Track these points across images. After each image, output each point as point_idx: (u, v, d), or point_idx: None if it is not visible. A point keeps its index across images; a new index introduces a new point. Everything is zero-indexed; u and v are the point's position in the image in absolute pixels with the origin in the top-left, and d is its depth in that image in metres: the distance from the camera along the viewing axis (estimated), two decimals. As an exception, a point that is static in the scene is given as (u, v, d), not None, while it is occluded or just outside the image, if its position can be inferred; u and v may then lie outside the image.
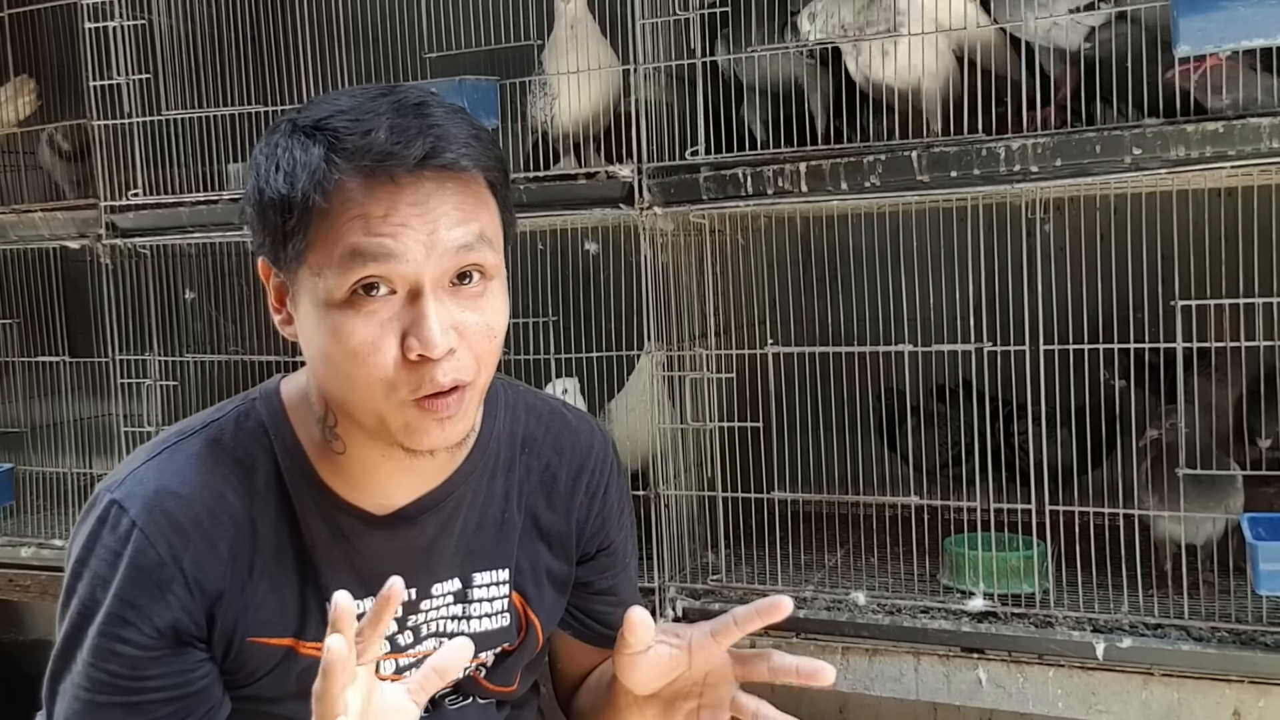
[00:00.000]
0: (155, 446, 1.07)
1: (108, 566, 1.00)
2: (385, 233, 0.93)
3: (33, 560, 2.30)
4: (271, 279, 1.02)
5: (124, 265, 2.13)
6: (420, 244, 0.94)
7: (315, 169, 0.94)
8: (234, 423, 1.08)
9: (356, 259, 0.94)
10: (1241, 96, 1.46)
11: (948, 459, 1.91)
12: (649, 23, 1.73)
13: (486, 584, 1.16)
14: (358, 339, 0.95)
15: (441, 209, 0.95)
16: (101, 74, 2.10)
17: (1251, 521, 1.47)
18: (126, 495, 1.02)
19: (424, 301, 0.95)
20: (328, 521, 1.06)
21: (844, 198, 1.63)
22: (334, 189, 0.94)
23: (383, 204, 0.94)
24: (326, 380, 1.01)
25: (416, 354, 0.94)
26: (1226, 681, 1.46)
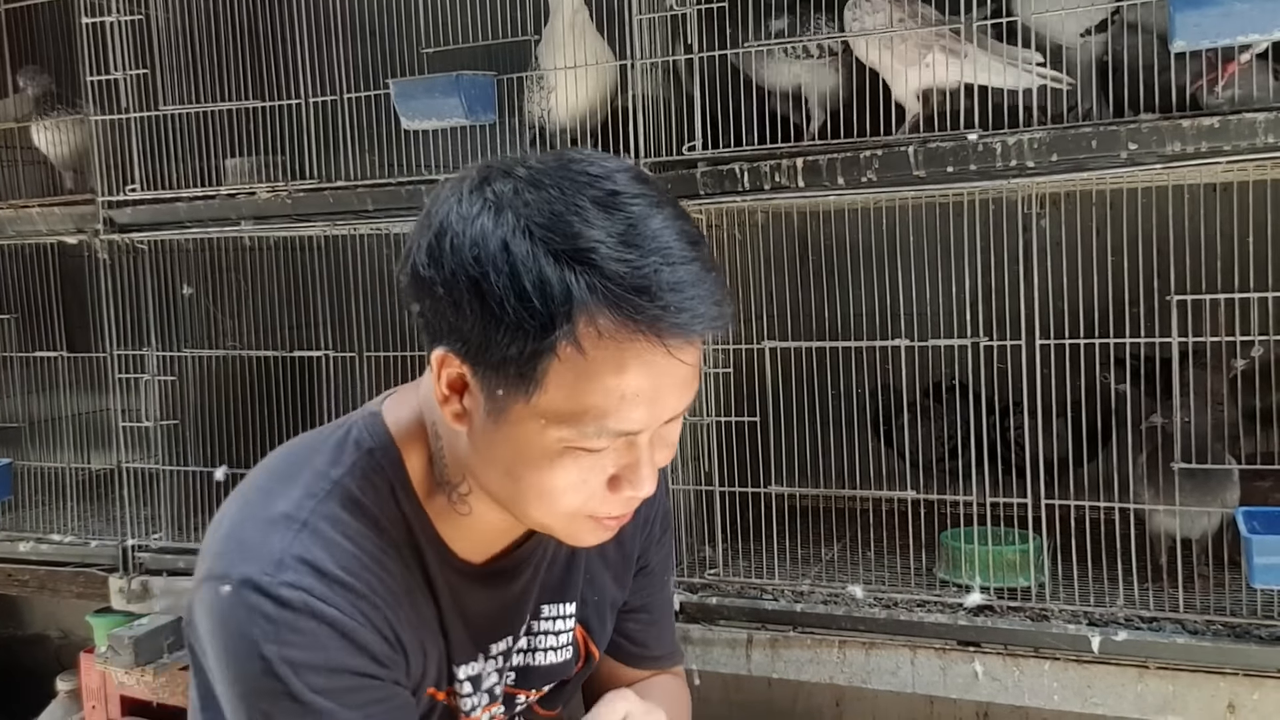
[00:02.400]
0: (290, 520, 0.95)
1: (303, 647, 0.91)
2: (638, 409, 0.88)
3: (31, 555, 2.31)
4: (447, 369, 0.92)
5: (121, 260, 2.13)
6: (658, 414, 0.90)
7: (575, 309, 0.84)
8: (363, 478, 0.99)
9: (604, 433, 0.88)
10: (1271, 99, 1.46)
11: (944, 453, 1.91)
12: (646, 18, 1.73)
13: (552, 617, 1.14)
14: (569, 481, 0.91)
15: (683, 375, 0.90)
16: (99, 69, 2.09)
17: (1247, 515, 1.48)
18: (294, 575, 0.92)
19: (640, 451, 0.91)
20: (447, 580, 1.03)
21: (841, 193, 1.63)
22: (593, 343, 0.85)
23: (641, 373, 0.86)
24: (495, 485, 0.95)
25: (627, 496, 0.92)
26: (1221, 674, 1.46)
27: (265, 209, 2.03)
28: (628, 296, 0.84)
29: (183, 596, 2.13)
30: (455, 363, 0.90)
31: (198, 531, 2.21)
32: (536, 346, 0.85)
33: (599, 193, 0.87)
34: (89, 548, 2.26)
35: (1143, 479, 1.59)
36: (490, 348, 0.87)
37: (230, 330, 2.32)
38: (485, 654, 1.08)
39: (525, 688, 1.14)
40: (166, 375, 2.14)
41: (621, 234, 0.85)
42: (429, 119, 1.88)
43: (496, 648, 1.09)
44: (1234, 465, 1.57)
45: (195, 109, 2.10)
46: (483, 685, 1.08)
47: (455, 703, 1.07)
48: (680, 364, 0.88)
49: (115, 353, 2.14)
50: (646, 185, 0.90)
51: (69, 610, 3.04)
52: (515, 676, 1.13)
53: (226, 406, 2.25)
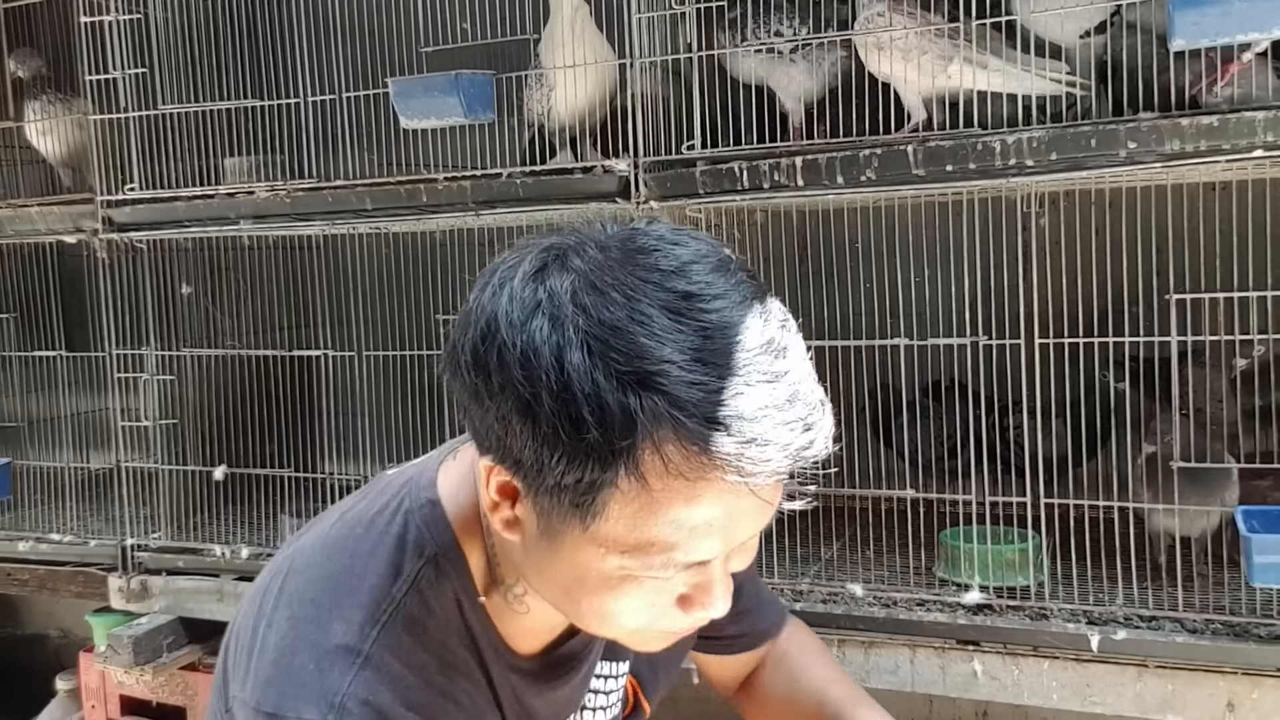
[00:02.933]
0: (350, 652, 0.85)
1: None
2: (709, 540, 0.78)
3: (30, 554, 2.31)
4: (497, 479, 0.82)
5: (120, 260, 2.13)
6: (734, 539, 0.81)
7: (641, 443, 0.73)
8: (429, 592, 0.89)
9: (669, 560, 0.79)
10: (1270, 97, 1.46)
11: (943, 452, 1.91)
12: (645, 17, 1.73)
13: (605, 675, 1.08)
14: (632, 605, 0.82)
15: (759, 503, 0.78)
16: (97, 68, 2.09)
17: (1246, 514, 1.48)
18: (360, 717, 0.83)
19: (714, 572, 0.82)
20: (510, 684, 0.94)
21: (840, 191, 1.63)
22: (661, 478, 0.74)
23: (720, 508, 0.76)
24: (552, 596, 0.87)
25: (698, 616, 0.84)
26: (1220, 673, 1.46)
27: (264, 208, 2.03)
28: (701, 430, 0.73)
29: (182, 596, 2.14)
30: (504, 475, 0.81)
31: (197, 531, 2.21)
32: (595, 478, 0.75)
33: (669, 295, 0.75)
34: (88, 547, 2.26)
35: (1142, 478, 1.59)
36: (543, 473, 0.77)
37: (229, 329, 2.32)
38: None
39: None
40: (165, 374, 2.14)
41: (695, 349, 0.74)
42: (428, 118, 1.87)
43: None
44: (1233, 464, 1.57)
45: (194, 108, 2.10)
46: None
47: None
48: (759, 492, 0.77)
49: (114, 352, 2.14)
50: (728, 277, 0.78)
51: (68, 609, 3.04)
52: None
53: (225, 406, 2.25)
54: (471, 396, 0.80)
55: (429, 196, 1.89)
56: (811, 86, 1.77)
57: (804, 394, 0.77)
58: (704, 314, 0.75)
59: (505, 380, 0.76)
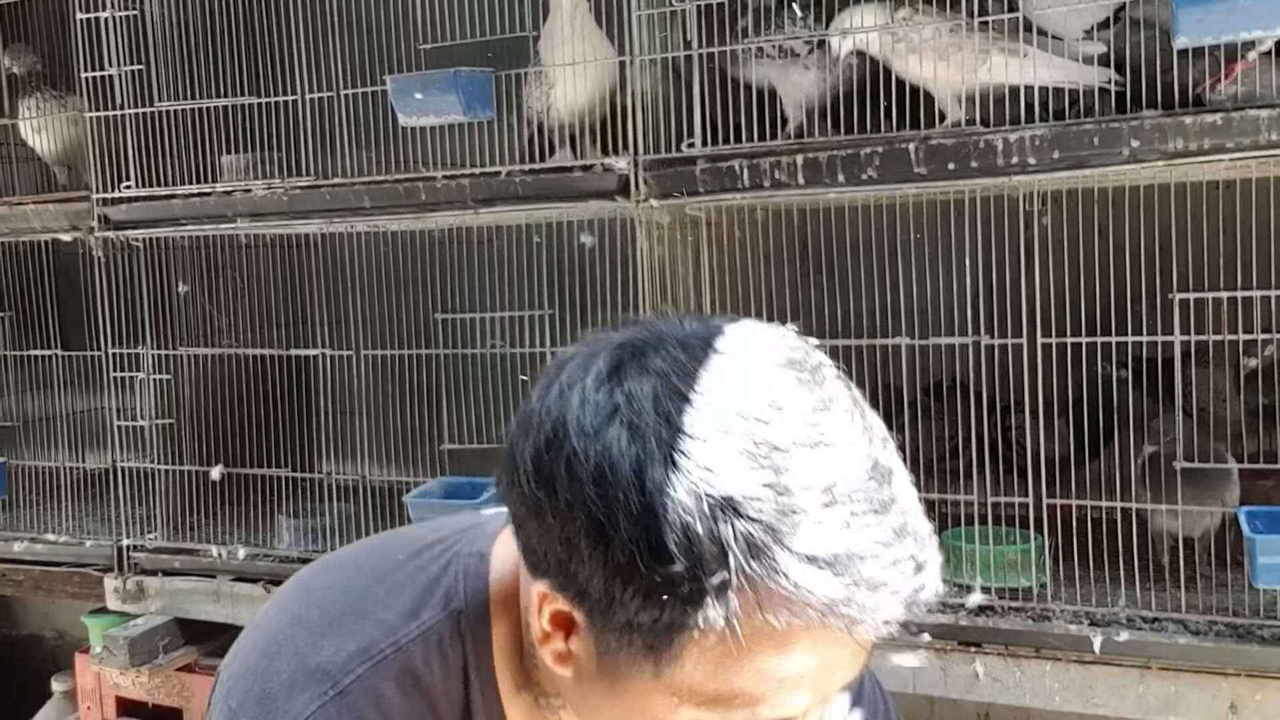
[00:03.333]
0: (327, 678, 0.78)
1: None
2: (799, 693, 0.68)
3: (25, 555, 2.30)
4: (553, 607, 0.72)
5: (117, 258, 2.12)
6: (825, 694, 0.71)
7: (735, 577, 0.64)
8: (434, 647, 0.80)
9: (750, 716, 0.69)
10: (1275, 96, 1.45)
11: (945, 452, 1.90)
12: (645, 14, 1.72)
13: None
14: None
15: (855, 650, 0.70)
16: (93, 65, 2.08)
17: (1249, 515, 1.47)
18: None
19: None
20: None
21: (841, 190, 1.62)
22: (751, 623, 0.65)
23: (815, 657, 0.67)
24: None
25: None
26: (1223, 674, 1.46)
27: (261, 206, 2.02)
28: (803, 567, 0.64)
29: (178, 597, 2.13)
30: (561, 602, 0.71)
31: (194, 531, 2.20)
32: (675, 618, 0.65)
33: (758, 405, 0.67)
34: (84, 548, 2.25)
35: (1144, 479, 1.59)
36: (612, 609, 0.67)
37: (226, 328, 2.31)
38: None
39: None
40: (162, 374, 2.13)
41: (785, 474, 0.65)
42: (426, 116, 1.87)
43: None
44: (1234, 464, 1.56)
45: (191, 105, 2.09)
46: None
47: None
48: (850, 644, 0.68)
49: (110, 351, 2.13)
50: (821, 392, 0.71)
51: (64, 610, 3.02)
52: None
53: (222, 405, 2.24)
54: (531, 512, 0.70)
55: (427, 194, 1.88)
56: (814, 94, 1.77)
57: (913, 527, 0.69)
58: (799, 424, 0.67)
59: (574, 498, 0.66)
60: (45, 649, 3.14)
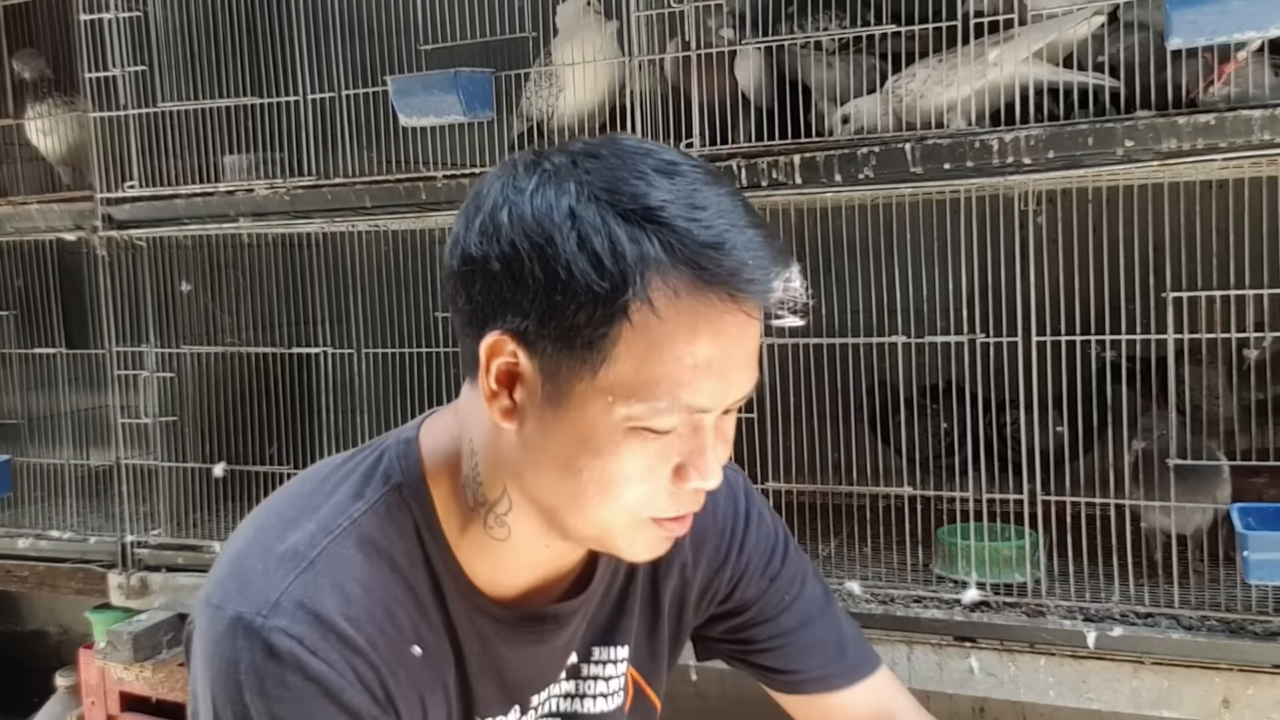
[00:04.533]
0: (298, 557, 0.87)
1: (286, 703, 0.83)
2: (709, 380, 0.83)
3: (30, 551, 2.31)
4: (499, 359, 0.86)
5: (120, 257, 2.13)
6: (727, 393, 0.86)
7: (648, 269, 0.80)
8: (385, 516, 0.91)
9: (676, 408, 0.83)
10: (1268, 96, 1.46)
11: (940, 449, 1.92)
12: (644, 14, 1.73)
13: (603, 660, 1.07)
14: (635, 468, 0.85)
15: (747, 350, 0.86)
16: (97, 66, 2.09)
17: (1241, 511, 1.48)
18: (289, 621, 0.84)
19: (706, 436, 0.86)
20: (476, 628, 0.95)
21: (838, 190, 1.63)
22: (667, 302, 0.80)
23: (712, 340, 0.82)
24: (548, 485, 0.88)
25: (694, 486, 0.87)
26: (1216, 670, 1.47)
27: (263, 206, 2.03)
28: (703, 252, 0.80)
29: (182, 593, 2.14)
30: (507, 349, 0.85)
31: (197, 528, 2.22)
32: (608, 310, 0.80)
33: (657, 161, 0.84)
34: (88, 544, 2.26)
35: (1136, 476, 1.60)
36: (555, 317, 0.81)
37: (229, 327, 2.32)
38: (524, 706, 1.01)
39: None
40: (165, 372, 2.15)
41: (687, 196, 0.82)
42: (427, 116, 1.88)
43: (538, 698, 1.02)
44: (1225, 461, 1.57)
45: (193, 106, 2.11)
46: None
47: None
48: (749, 332, 0.85)
49: (114, 349, 2.14)
50: (698, 161, 0.87)
51: (68, 606, 3.04)
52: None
53: (225, 403, 2.26)
54: (480, 271, 0.84)
55: (428, 194, 1.89)
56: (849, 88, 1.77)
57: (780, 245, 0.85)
58: (689, 175, 0.84)
59: (518, 233, 0.82)
60: (50, 644, 3.16)
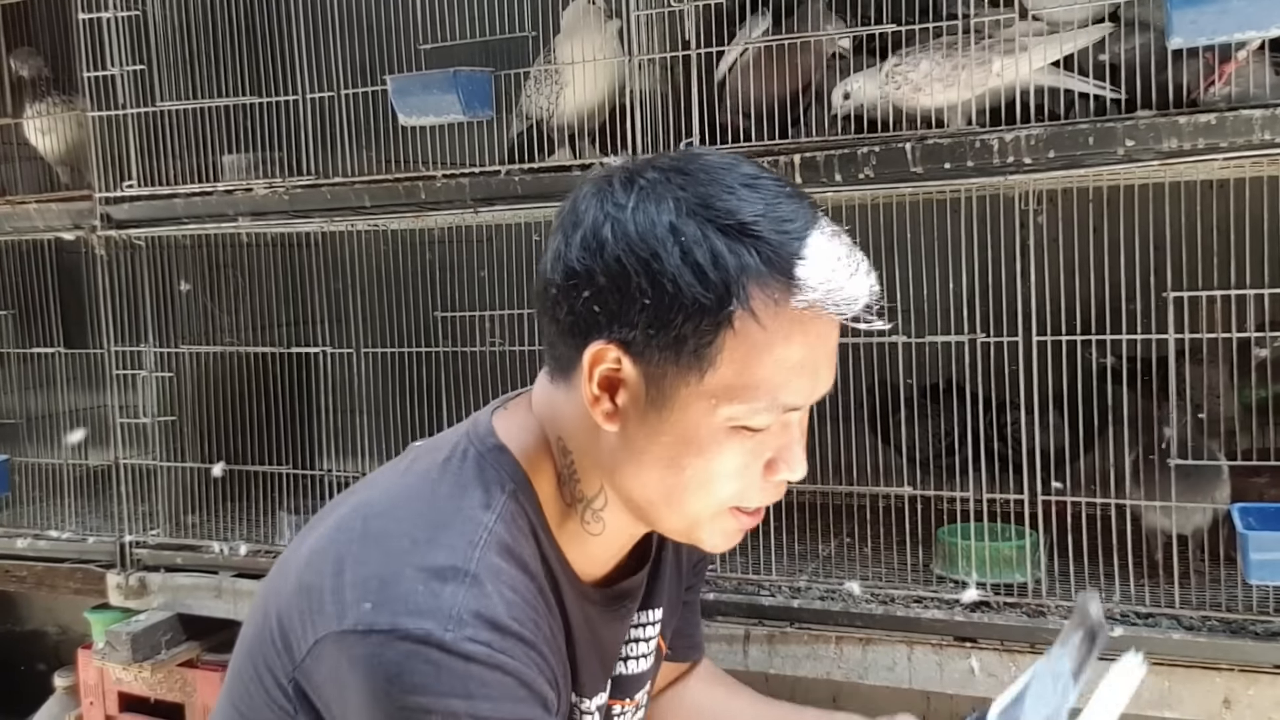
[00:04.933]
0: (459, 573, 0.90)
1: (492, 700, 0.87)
2: (803, 380, 0.91)
3: (28, 551, 2.31)
4: (602, 366, 0.92)
5: (119, 257, 2.13)
6: (815, 391, 0.93)
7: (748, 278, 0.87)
8: (511, 523, 0.96)
9: (774, 408, 0.90)
10: (1268, 95, 1.46)
11: (940, 449, 1.91)
12: (644, 14, 1.73)
13: (643, 624, 1.14)
14: (734, 464, 0.92)
15: (832, 350, 0.94)
16: (96, 65, 2.09)
17: (1242, 511, 1.48)
18: (475, 630, 0.87)
19: (795, 431, 0.94)
20: (584, 614, 1.02)
21: (838, 189, 1.63)
22: (766, 310, 0.87)
23: (809, 348, 0.90)
24: (648, 483, 0.94)
25: (782, 478, 0.94)
26: (1217, 670, 1.47)
27: (262, 205, 2.03)
28: (796, 262, 0.87)
29: (180, 593, 2.14)
30: (611, 357, 0.91)
31: (195, 528, 2.21)
32: (714, 320, 0.87)
33: (742, 176, 0.91)
34: (87, 544, 2.26)
35: (1137, 476, 1.59)
36: (663, 328, 0.88)
37: (228, 326, 2.32)
38: (612, 681, 1.08)
39: (619, 698, 1.12)
40: (164, 371, 2.14)
41: (774, 210, 0.89)
42: (426, 115, 1.88)
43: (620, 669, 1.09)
44: (1224, 461, 1.57)
45: (192, 105, 2.10)
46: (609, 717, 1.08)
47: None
48: (834, 333, 0.92)
49: (113, 349, 2.14)
50: (774, 174, 0.94)
51: (67, 606, 3.04)
52: (610, 687, 1.11)
53: (224, 403, 2.25)
54: (586, 283, 0.90)
55: (427, 194, 1.89)
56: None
57: (855, 245, 0.93)
58: (771, 185, 0.90)
59: (624, 249, 0.88)
60: (48, 645, 3.15)
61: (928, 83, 1.60)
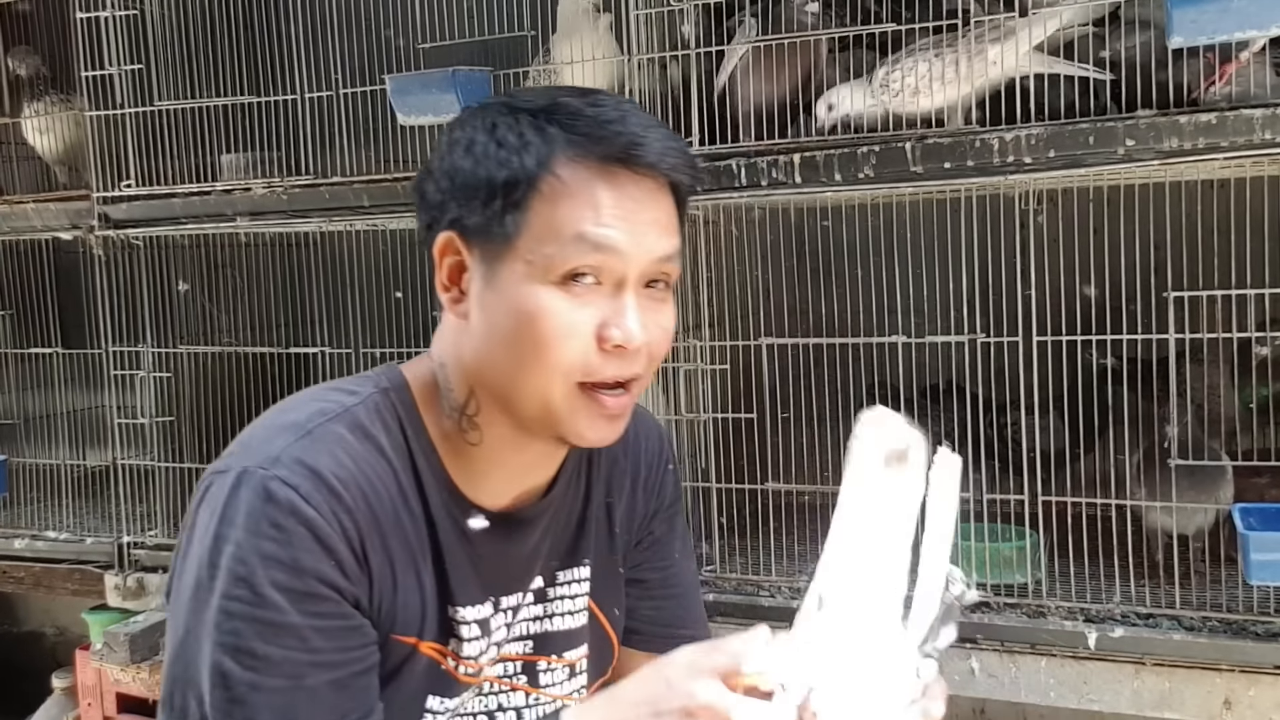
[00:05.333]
0: (297, 426, 0.99)
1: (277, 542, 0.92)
2: (612, 224, 0.96)
3: (26, 552, 2.30)
4: (448, 256, 1.01)
5: (117, 256, 2.13)
6: (635, 244, 0.97)
7: (553, 149, 0.96)
8: (374, 411, 1.03)
9: (583, 245, 0.96)
10: (1269, 95, 1.45)
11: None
12: (643, 13, 1.73)
13: (567, 581, 1.15)
14: (560, 321, 0.96)
15: (654, 214, 0.98)
16: (94, 64, 2.09)
17: (1243, 512, 1.48)
18: (287, 472, 0.95)
19: (627, 295, 0.98)
20: (454, 520, 1.05)
21: (838, 189, 1.63)
22: (569, 171, 0.96)
23: (613, 195, 0.96)
24: (496, 364, 1.00)
25: (615, 344, 0.97)
26: (1217, 670, 1.47)
27: (261, 205, 2.03)
28: (600, 126, 0.96)
29: (179, 593, 2.13)
30: (453, 247, 1.00)
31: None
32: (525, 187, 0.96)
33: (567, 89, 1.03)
34: (84, 544, 2.25)
35: (1138, 476, 1.59)
36: (481, 203, 0.97)
37: (226, 326, 2.31)
38: (496, 604, 1.08)
39: (545, 654, 1.13)
40: (162, 371, 2.14)
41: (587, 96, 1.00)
42: (425, 114, 1.87)
43: (507, 601, 1.09)
44: (1228, 462, 1.57)
45: (190, 104, 2.10)
46: (492, 634, 1.08)
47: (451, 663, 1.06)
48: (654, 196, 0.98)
49: (110, 349, 2.13)
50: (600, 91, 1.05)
51: (64, 607, 3.03)
52: (533, 644, 1.12)
53: (222, 403, 2.25)
54: (430, 181, 1.02)
55: (426, 193, 1.88)
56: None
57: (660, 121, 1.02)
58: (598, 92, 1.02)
59: (452, 142, 1.00)
60: (46, 646, 3.15)
61: (927, 84, 1.60)
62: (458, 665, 1.06)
